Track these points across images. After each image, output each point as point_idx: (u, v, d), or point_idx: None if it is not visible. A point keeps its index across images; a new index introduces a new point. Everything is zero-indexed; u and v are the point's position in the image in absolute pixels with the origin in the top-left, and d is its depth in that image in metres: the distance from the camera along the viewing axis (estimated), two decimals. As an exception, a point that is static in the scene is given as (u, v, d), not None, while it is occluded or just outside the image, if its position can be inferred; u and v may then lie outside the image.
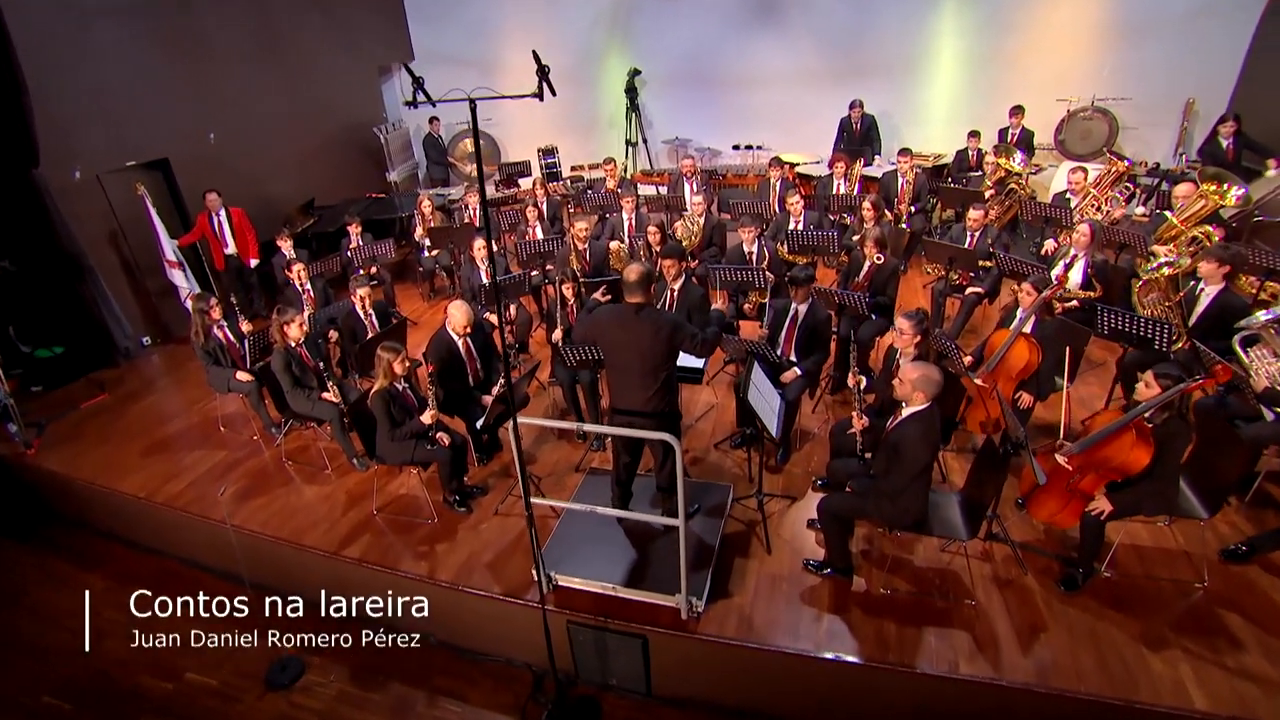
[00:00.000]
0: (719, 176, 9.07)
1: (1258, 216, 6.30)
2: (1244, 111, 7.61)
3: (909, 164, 7.54)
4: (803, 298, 4.81)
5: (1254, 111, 7.52)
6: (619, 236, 7.15)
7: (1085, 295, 5.31)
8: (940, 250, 5.85)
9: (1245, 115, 7.53)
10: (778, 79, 10.25)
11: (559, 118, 11.00)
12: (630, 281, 3.50)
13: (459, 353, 4.90)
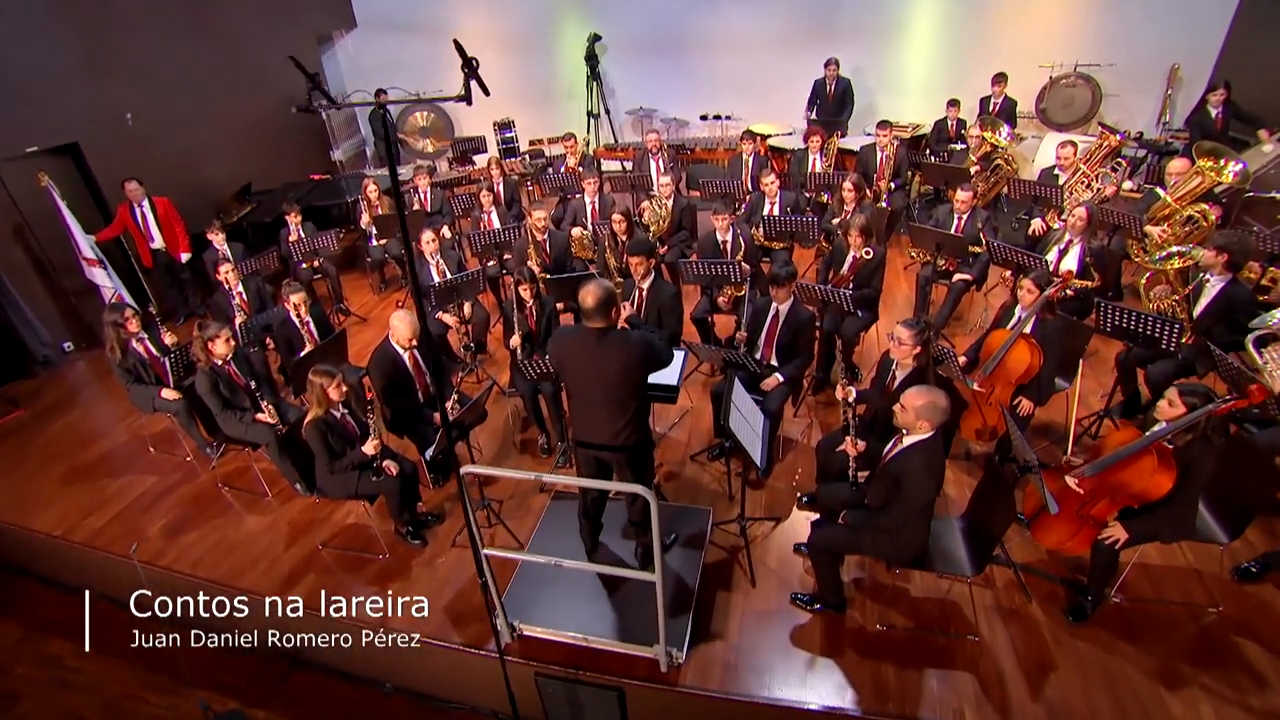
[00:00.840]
0: (687, 151, 8.54)
1: (1249, 192, 6.01)
2: (1230, 78, 7.29)
3: (888, 137, 7.10)
4: (784, 297, 4.40)
5: (1240, 78, 7.19)
6: (581, 222, 6.64)
7: (1083, 285, 4.97)
8: (926, 236, 5.47)
9: (1231, 82, 7.20)
10: (747, 44, 9.68)
11: (515, 88, 10.33)
12: (589, 307, 3.04)
13: (405, 368, 4.42)
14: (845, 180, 5.96)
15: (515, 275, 4.80)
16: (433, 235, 5.69)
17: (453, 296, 5.39)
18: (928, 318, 5.75)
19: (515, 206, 7.79)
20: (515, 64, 10.27)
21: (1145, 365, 4.58)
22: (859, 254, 5.07)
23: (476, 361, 5.74)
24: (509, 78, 10.31)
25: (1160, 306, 4.49)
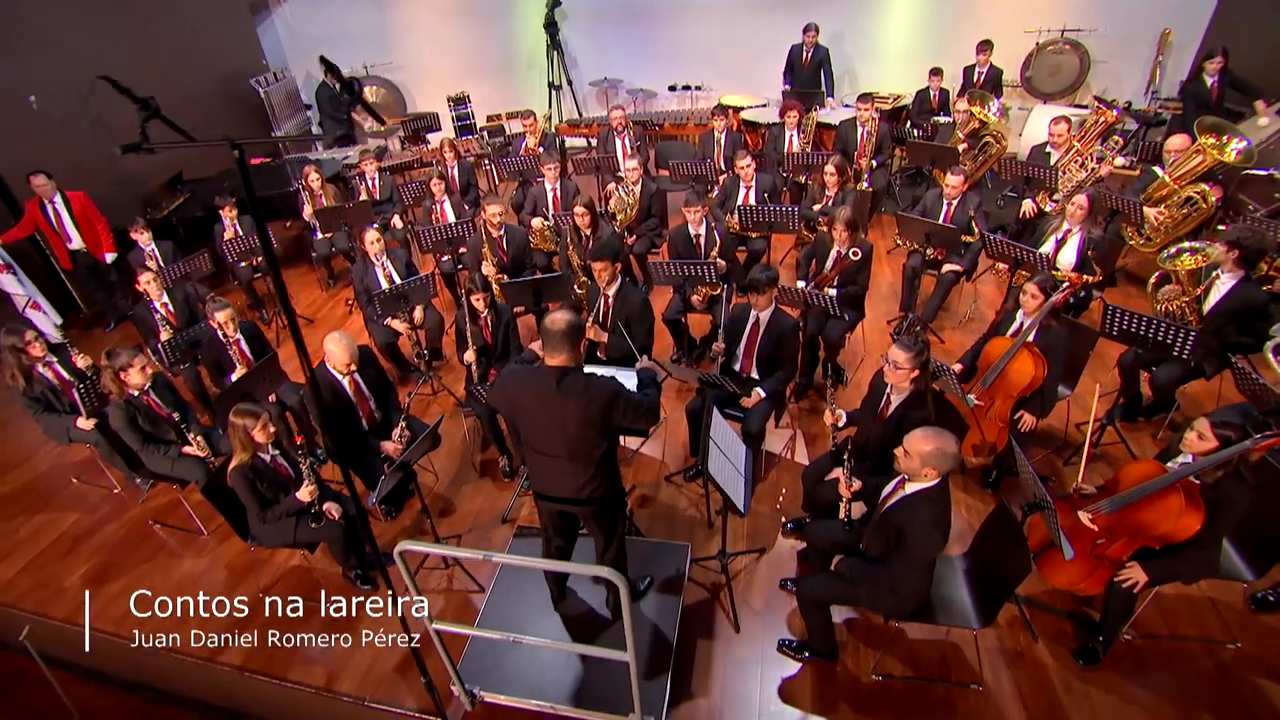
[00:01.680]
0: (655, 127, 8.01)
1: (1245, 169, 5.69)
2: (1223, 44, 6.91)
3: (869, 111, 6.65)
4: (764, 304, 3.99)
5: (1233, 44, 6.79)
6: (542, 211, 6.14)
7: (1083, 280, 4.63)
8: (915, 226, 5.07)
9: (1221, 48, 6.83)
10: (717, 9, 9.10)
11: (470, 59, 9.70)
12: (552, 333, 2.59)
13: (346, 395, 3.96)
14: (827, 164, 5.52)
15: (467, 283, 4.33)
16: (376, 235, 5.17)
17: (401, 305, 4.91)
18: (919, 323, 5.39)
19: (472, 191, 7.25)
20: (470, 32, 9.59)
21: (1149, 367, 4.28)
22: (844, 249, 4.67)
23: (431, 370, 5.28)
24: (464, 47, 9.66)
25: (1168, 307, 4.17)
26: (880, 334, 5.58)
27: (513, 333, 4.52)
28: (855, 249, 4.48)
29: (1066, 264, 4.78)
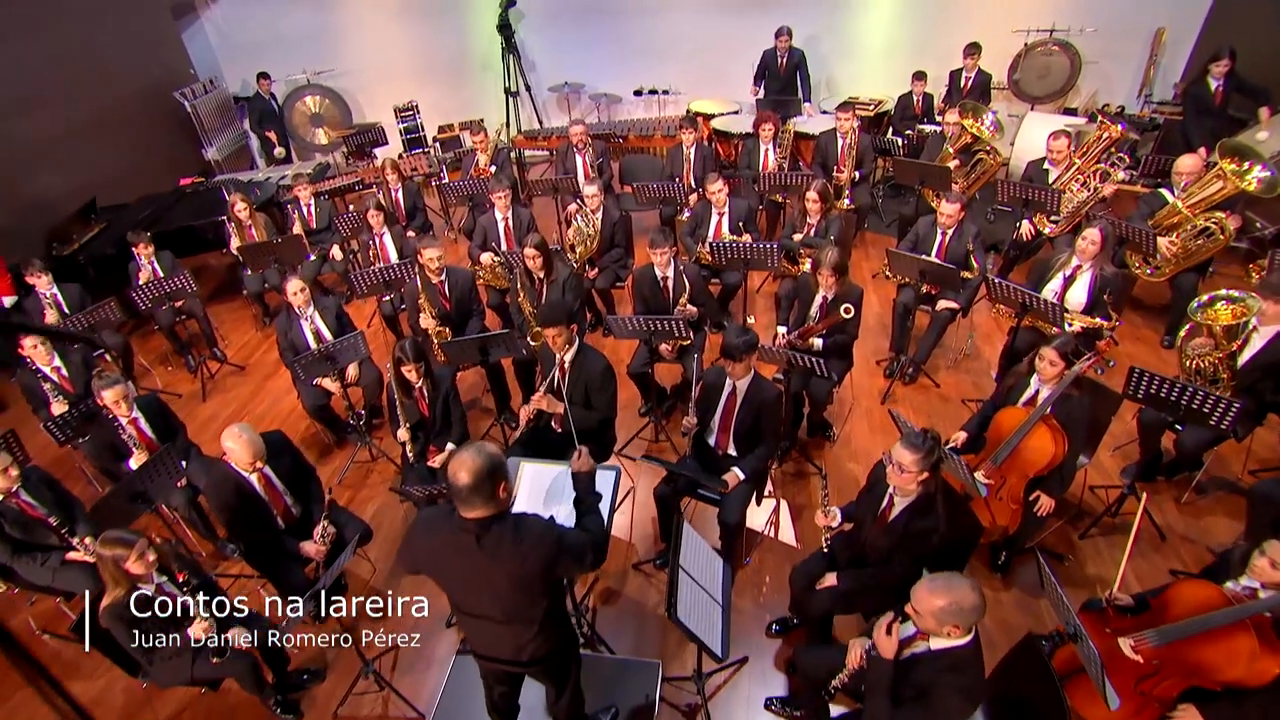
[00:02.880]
0: (618, 139, 7.39)
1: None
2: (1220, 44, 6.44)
3: (850, 121, 6.10)
4: (742, 372, 3.45)
5: (1229, 43, 6.32)
6: (492, 243, 5.53)
7: (1096, 325, 4.14)
8: (908, 263, 4.54)
9: (1218, 48, 6.36)
10: (684, 8, 8.49)
11: (420, 63, 9.01)
12: (459, 487, 2.00)
13: (254, 493, 3.35)
14: (809, 189, 4.97)
15: (396, 350, 3.73)
16: (300, 285, 4.53)
17: (328, 367, 4.29)
18: (911, 364, 4.89)
19: (419, 216, 6.61)
20: (418, 35, 8.87)
21: (1174, 427, 3.81)
22: (830, 295, 4.13)
23: (366, 434, 4.67)
24: (412, 51, 8.95)
25: (1199, 364, 3.68)
26: (870, 376, 5.06)
27: (453, 402, 3.94)
28: (847, 306, 3.94)
29: (1076, 304, 4.29)
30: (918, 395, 4.88)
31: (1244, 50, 5.87)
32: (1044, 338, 4.41)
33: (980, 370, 5.08)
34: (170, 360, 6.03)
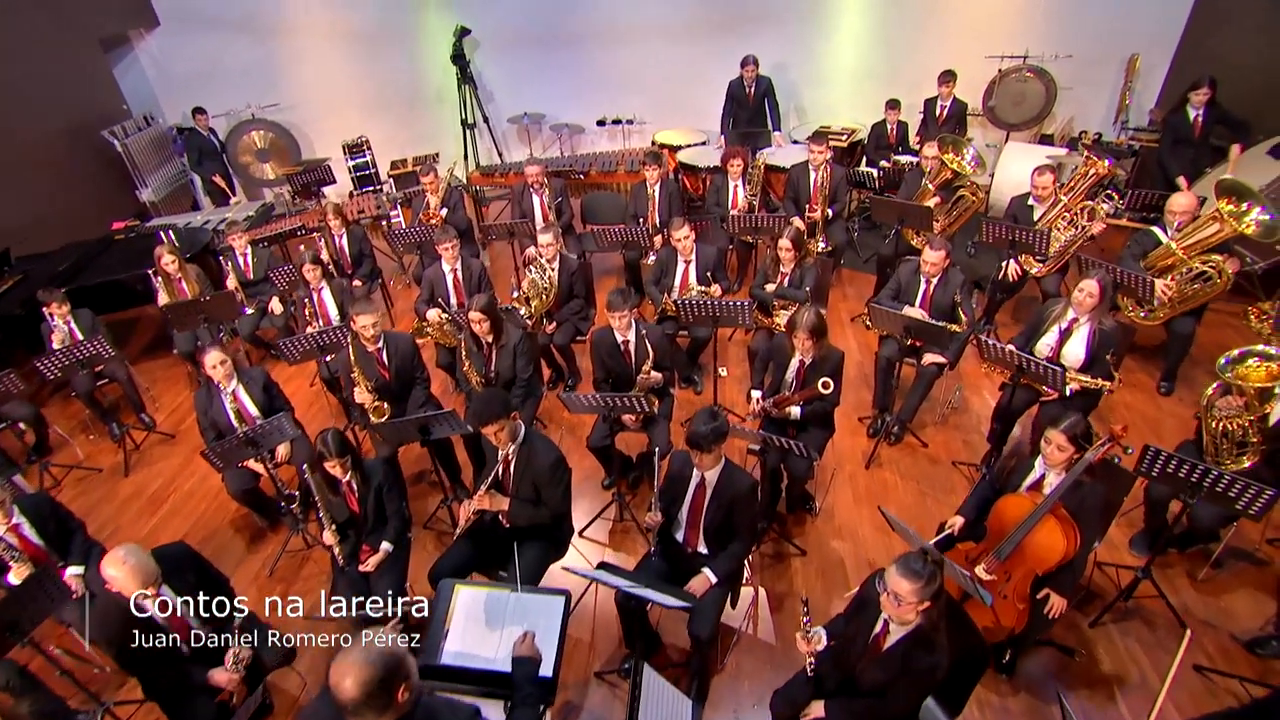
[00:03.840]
0: (579, 175, 6.97)
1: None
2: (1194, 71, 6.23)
3: (823, 154, 5.75)
4: (710, 463, 3.03)
5: (1202, 71, 6.12)
6: (439, 298, 5.09)
7: (1097, 385, 3.79)
8: (891, 319, 4.16)
9: (1190, 74, 6.15)
10: (648, 35, 8.14)
11: (371, 95, 8.58)
12: (346, 700, 1.57)
13: (149, 621, 2.85)
14: (782, 236, 4.59)
15: (319, 443, 3.27)
16: (220, 356, 4.03)
17: (250, 452, 3.81)
18: (896, 422, 4.51)
19: (366, 264, 6.14)
20: (368, 65, 8.44)
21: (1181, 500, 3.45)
22: (807, 359, 3.74)
23: (300, 520, 4.17)
24: (363, 82, 8.52)
25: (1226, 426, 3.33)
26: (853, 435, 4.68)
27: (388, 494, 3.47)
28: (825, 380, 3.54)
29: (1074, 360, 3.94)
30: (904, 457, 4.50)
31: (1221, 78, 5.63)
32: (1039, 394, 4.08)
33: (970, 426, 4.71)
34: (92, 428, 5.47)
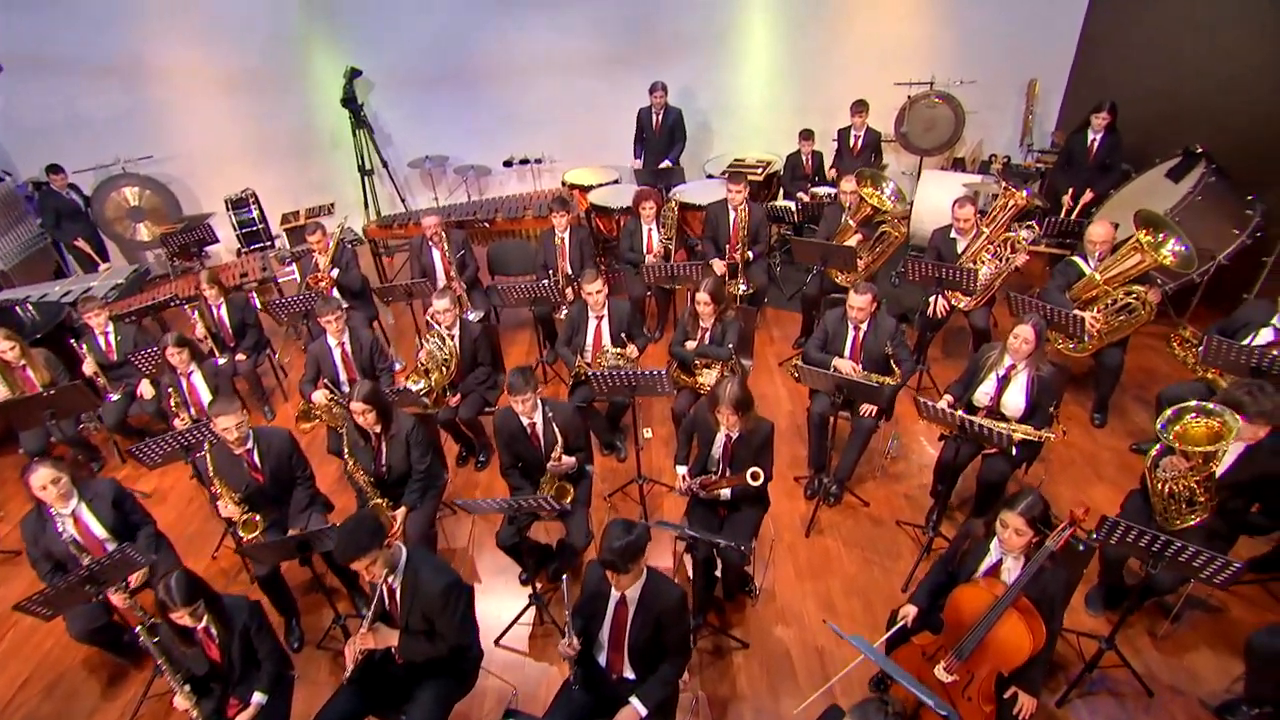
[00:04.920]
0: (483, 223, 6.49)
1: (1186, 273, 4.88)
2: (1088, 93, 6.31)
3: (740, 193, 5.47)
4: (629, 582, 2.62)
5: (1092, 95, 6.19)
6: (325, 377, 4.55)
7: (1041, 437, 3.56)
8: (820, 379, 3.85)
9: (1085, 97, 6.22)
10: (553, 70, 7.78)
11: (258, 143, 7.95)
12: None
13: None
14: (699, 289, 4.24)
15: (159, 592, 2.70)
16: (51, 475, 3.38)
17: (94, 590, 3.18)
18: (834, 483, 4.20)
19: (251, 334, 5.51)
20: (253, 112, 7.78)
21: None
22: (733, 434, 3.38)
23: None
24: (247, 131, 7.86)
25: (1173, 488, 3.12)
26: (790, 499, 4.34)
27: (257, 637, 2.91)
28: (755, 471, 3.18)
29: (1014, 409, 3.71)
30: (846, 520, 4.18)
31: (1119, 101, 5.66)
32: (981, 446, 3.83)
33: (911, 476, 4.45)
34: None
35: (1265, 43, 5.27)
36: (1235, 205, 5.09)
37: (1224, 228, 5.02)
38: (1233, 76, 5.52)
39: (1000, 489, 3.81)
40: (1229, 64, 5.54)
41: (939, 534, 3.83)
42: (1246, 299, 5.16)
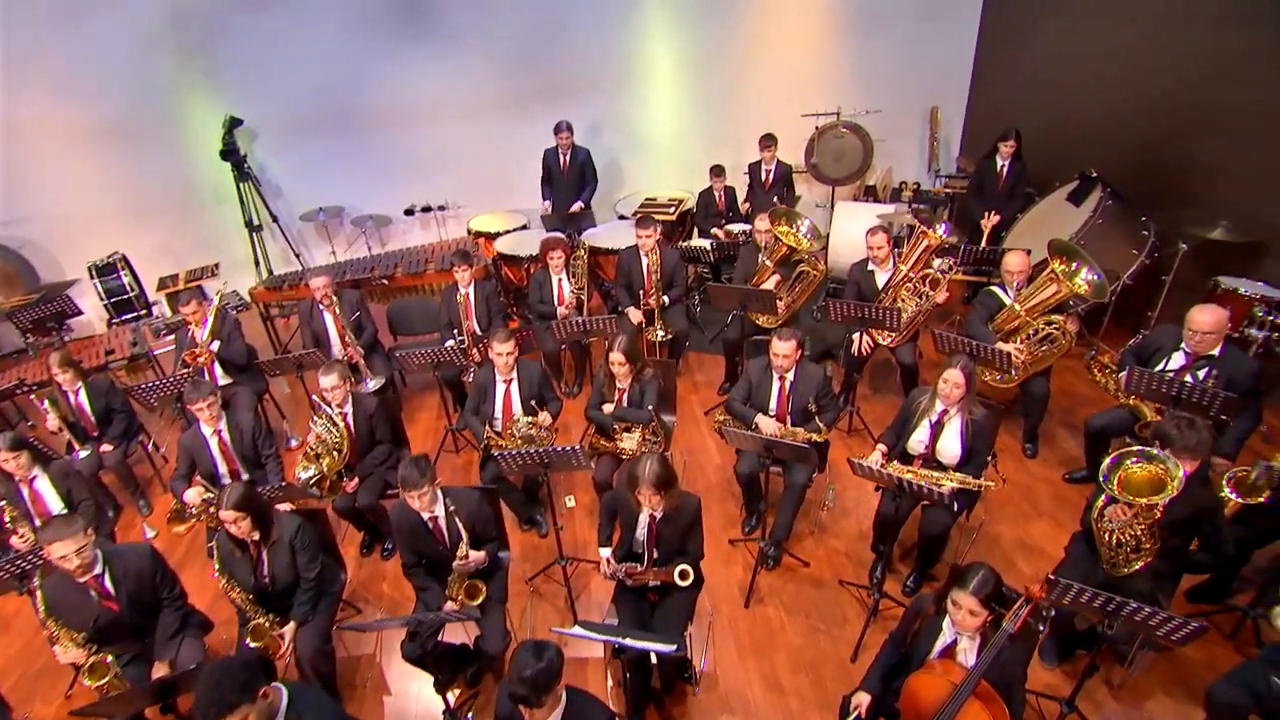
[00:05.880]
0: (382, 280, 6.03)
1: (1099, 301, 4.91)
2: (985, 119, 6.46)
3: (651, 237, 5.23)
4: (548, 712, 2.25)
5: (992, 118, 6.35)
6: (200, 473, 4.01)
7: (979, 486, 3.39)
8: (747, 440, 3.58)
9: (986, 123, 6.36)
10: (450, 111, 7.40)
11: (131, 200, 7.28)
12: None
13: None
14: (612, 348, 3.92)
15: None
16: None
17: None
18: (771, 545, 3.93)
19: (119, 421, 4.87)
20: (125, 166, 7.08)
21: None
22: (656, 513, 3.06)
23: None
24: (119, 188, 7.18)
25: (1120, 537, 2.98)
26: (726, 565, 4.04)
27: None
28: (684, 569, 2.88)
29: (950, 456, 3.55)
30: (787, 585, 3.91)
31: (1022, 127, 5.76)
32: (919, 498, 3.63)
33: (850, 530, 4.22)
34: None
35: (1146, 70, 5.44)
36: (1132, 227, 5.19)
37: (1124, 249, 5.10)
38: (1118, 101, 5.68)
39: (943, 541, 3.65)
40: (1114, 90, 5.72)
41: (885, 594, 3.59)
42: (1151, 315, 5.25)
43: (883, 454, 3.70)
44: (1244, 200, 4.76)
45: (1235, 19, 4.76)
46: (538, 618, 3.87)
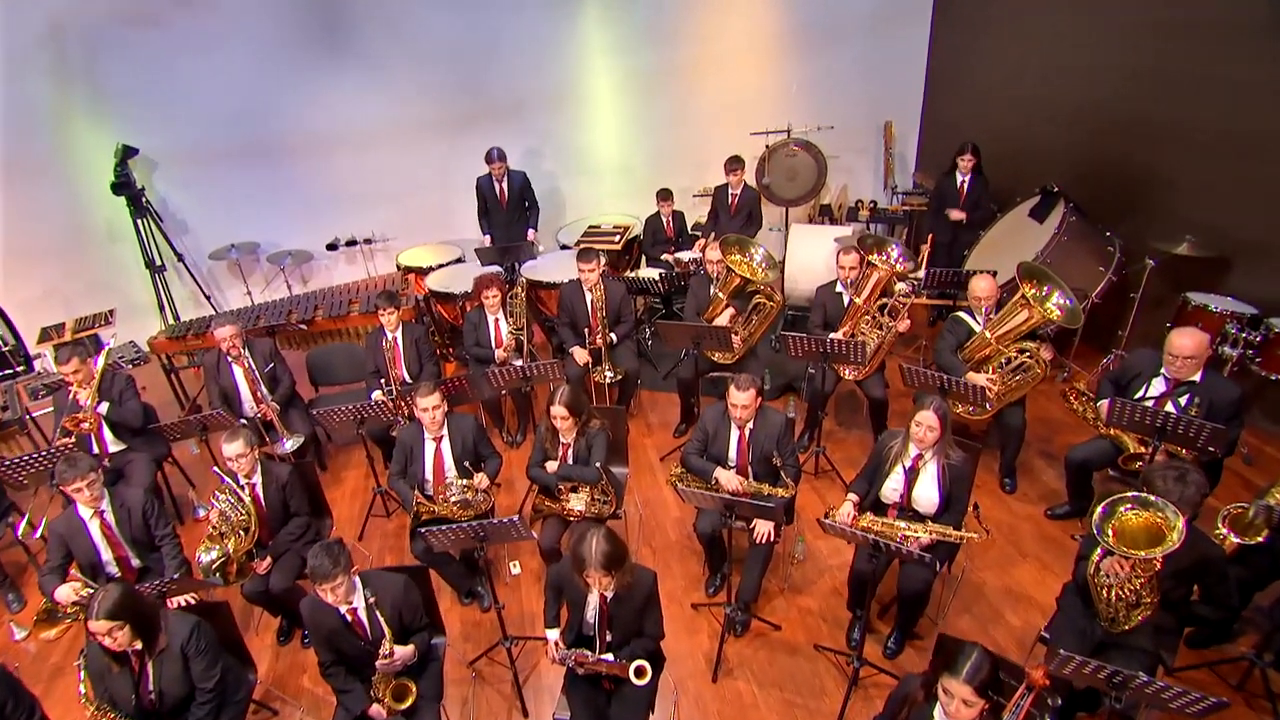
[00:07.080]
0: (300, 325, 5.45)
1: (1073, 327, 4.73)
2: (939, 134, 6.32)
3: (594, 271, 4.86)
4: None
5: (947, 132, 6.22)
6: (79, 565, 3.43)
7: (960, 539, 3.09)
8: (708, 499, 3.20)
9: (940, 138, 6.23)
10: (379, 138, 6.91)
11: (6, 241, 6.49)
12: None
13: None
14: (554, 401, 3.52)
15: None
16: None
17: None
18: (738, 610, 3.55)
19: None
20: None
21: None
22: (607, 594, 2.66)
23: None
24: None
25: (1118, 593, 2.69)
26: (690, 635, 3.64)
27: None
28: (640, 665, 2.47)
29: (927, 504, 3.24)
30: (758, 654, 3.53)
31: (974, 140, 5.62)
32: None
33: (823, 589, 3.86)
34: None
35: (1099, 84, 5.33)
36: (1098, 243, 5.06)
37: (1091, 266, 4.96)
38: (1074, 114, 5.57)
39: (924, 598, 3.34)
40: (1069, 103, 5.61)
41: (865, 661, 3.25)
42: (1122, 334, 5.10)
43: (854, 505, 3.38)
44: (1206, 214, 4.65)
45: (1184, 31, 4.67)
46: (481, 708, 3.40)
